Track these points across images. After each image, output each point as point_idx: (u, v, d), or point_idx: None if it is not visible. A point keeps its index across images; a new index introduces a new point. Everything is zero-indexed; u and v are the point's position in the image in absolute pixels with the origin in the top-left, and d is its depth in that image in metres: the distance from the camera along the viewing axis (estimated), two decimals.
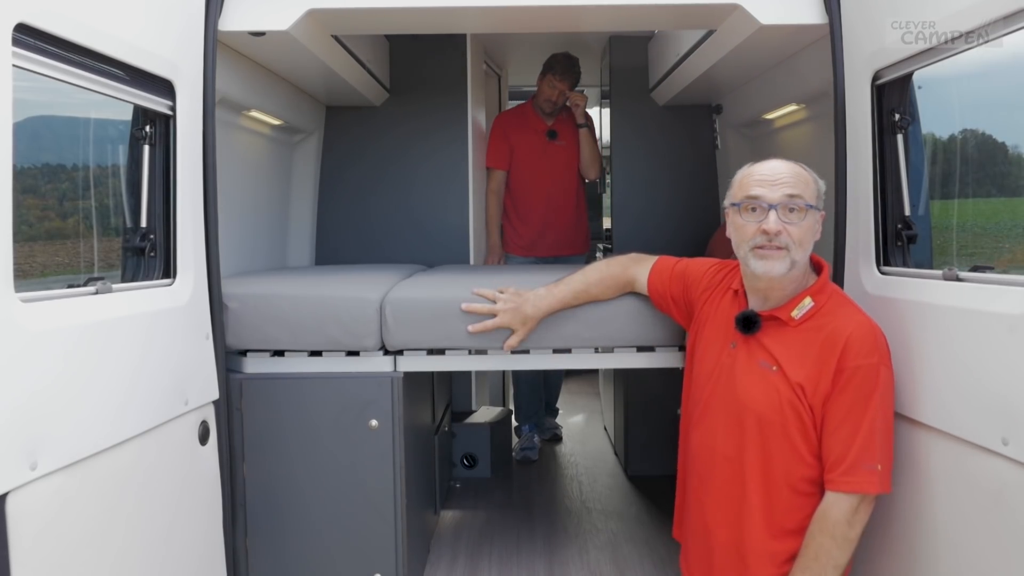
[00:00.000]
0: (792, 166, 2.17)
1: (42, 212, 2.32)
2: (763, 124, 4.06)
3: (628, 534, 3.65)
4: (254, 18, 2.66)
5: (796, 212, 2.10)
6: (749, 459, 2.16)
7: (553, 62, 4.69)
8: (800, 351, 2.12)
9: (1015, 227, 2.59)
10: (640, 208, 4.78)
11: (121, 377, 2.01)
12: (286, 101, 3.75)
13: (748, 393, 2.17)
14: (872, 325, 2.11)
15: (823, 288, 2.18)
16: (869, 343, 2.06)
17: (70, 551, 1.78)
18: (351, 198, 4.43)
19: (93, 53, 1.94)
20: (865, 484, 2.02)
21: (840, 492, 2.04)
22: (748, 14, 2.68)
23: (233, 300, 2.65)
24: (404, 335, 2.70)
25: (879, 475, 2.02)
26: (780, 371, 2.13)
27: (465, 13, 2.95)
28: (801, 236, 2.11)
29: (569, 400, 6.17)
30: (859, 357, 2.04)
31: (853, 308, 2.17)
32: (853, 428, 2.03)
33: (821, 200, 2.17)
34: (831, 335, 2.08)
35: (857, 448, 2.02)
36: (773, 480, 2.14)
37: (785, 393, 2.11)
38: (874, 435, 2.02)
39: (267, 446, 2.70)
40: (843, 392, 2.05)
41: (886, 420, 2.06)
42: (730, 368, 2.23)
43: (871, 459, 2.02)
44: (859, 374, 2.04)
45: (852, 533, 2.04)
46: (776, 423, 2.12)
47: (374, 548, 2.72)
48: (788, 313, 2.16)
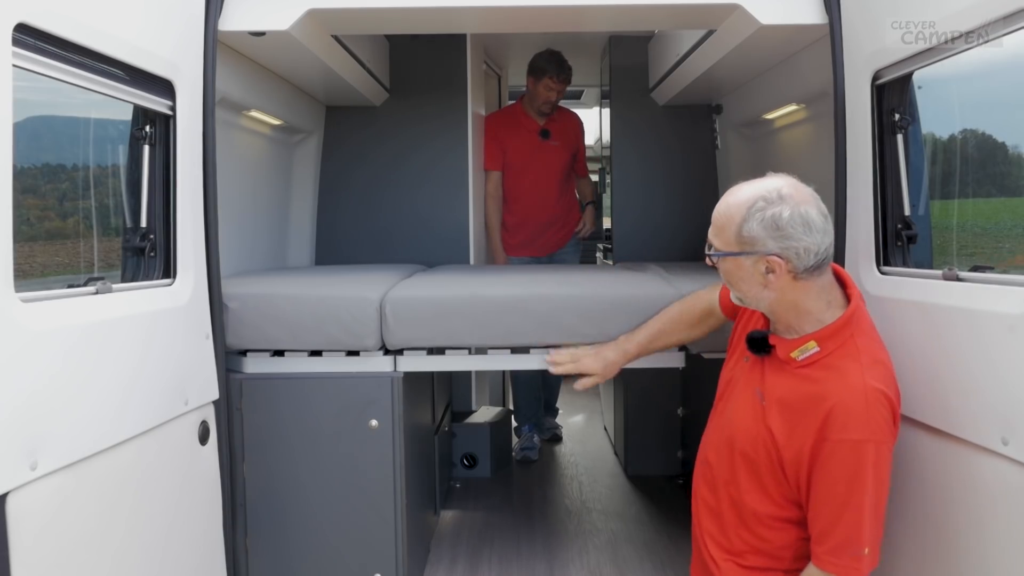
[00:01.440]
0: (727, 203, 1.97)
1: (42, 212, 2.32)
2: (763, 124, 4.06)
3: (628, 534, 3.65)
4: (254, 18, 2.66)
5: (711, 259, 2.03)
6: (724, 478, 2.13)
7: (546, 65, 4.69)
8: (784, 396, 1.98)
9: (1015, 227, 2.59)
10: (640, 208, 4.78)
11: (121, 377, 2.01)
12: (286, 101, 3.75)
13: (736, 415, 2.11)
14: (868, 393, 1.87)
15: (837, 332, 1.95)
16: (858, 417, 1.86)
17: (70, 551, 1.78)
18: (351, 198, 4.43)
19: (93, 53, 1.94)
20: (850, 570, 1.91)
21: (826, 572, 1.95)
22: (748, 14, 2.68)
23: (233, 300, 2.65)
24: (404, 333, 2.70)
25: (866, 560, 1.92)
26: (763, 406, 2.03)
27: (465, 13, 2.94)
28: (727, 279, 2.03)
29: (569, 400, 6.17)
30: (843, 431, 1.86)
31: (857, 365, 1.91)
32: (839, 508, 1.89)
33: (747, 244, 1.92)
34: (817, 396, 1.91)
35: (843, 530, 1.90)
36: (744, 506, 2.08)
37: (762, 431, 2.01)
38: (862, 518, 1.88)
39: (267, 446, 2.70)
40: (826, 466, 1.89)
41: (877, 499, 1.89)
42: (736, 383, 2.18)
43: (858, 544, 1.89)
44: (841, 450, 1.87)
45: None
46: (749, 455, 2.04)
47: (374, 548, 2.72)
48: (788, 353, 1.99)
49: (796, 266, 1.91)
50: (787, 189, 1.92)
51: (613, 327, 2.71)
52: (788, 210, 1.89)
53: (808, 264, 1.90)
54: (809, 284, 1.94)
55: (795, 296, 1.95)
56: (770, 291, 1.95)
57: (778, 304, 1.98)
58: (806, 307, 1.96)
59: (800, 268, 1.91)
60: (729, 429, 2.12)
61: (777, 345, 2.02)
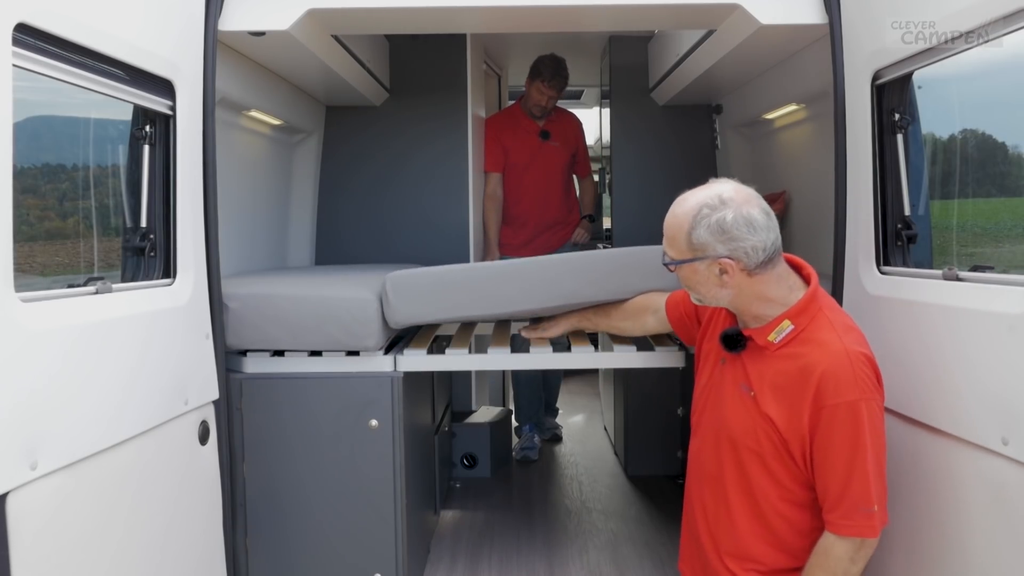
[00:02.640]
0: (674, 214, 2.09)
1: (42, 212, 2.32)
2: (763, 124, 4.06)
3: (628, 534, 3.65)
4: (254, 18, 2.66)
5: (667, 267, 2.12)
6: (729, 479, 2.14)
7: (541, 67, 4.68)
8: (773, 380, 2.04)
9: (1015, 227, 2.59)
10: (640, 208, 4.78)
11: (121, 377, 2.01)
12: (286, 101, 3.75)
13: (727, 415, 2.14)
14: (850, 355, 1.95)
15: (805, 308, 2.03)
16: (846, 379, 1.93)
17: (70, 550, 1.78)
18: (351, 198, 4.43)
19: (93, 53, 1.94)
20: (864, 528, 1.96)
21: (841, 536, 1.98)
22: (748, 14, 2.68)
23: (233, 300, 2.65)
24: (406, 309, 2.68)
25: (877, 516, 1.96)
26: (755, 397, 2.07)
27: (465, 13, 2.94)
28: (686, 283, 2.11)
29: (569, 400, 6.17)
30: (836, 395, 1.93)
31: (833, 334, 2.00)
32: (846, 471, 1.95)
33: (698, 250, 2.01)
34: (805, 369, 1.97)
35: (854, 492, 1.95)
36: (750, 500, 2.10)
37: (759, 420, 2.05)
38: (868, 476, 1.94)
39: (267, 446, 2.70)
40: (828, 432, 1.96)
41: (877, 456, 1.96)
42: (719, 386, 2.20)
43: (868, 502, 1.94)
44: (839, 413, 1.93)
45: (853, 570, 1.99)
46: (751, 448, 2.07)
47: (374, 548, 2.72)
48: (765, 337, 2.05)
49: (747, 264, 1.99)
50: (728, 193, 2.01)
51: (614, 285, 2.68)
52: (731, 213, 1.97)
53: (759, 260, 1.99)
54: (766, 276, 2.02)
55: (755, 289, 2.04)
56: (727, 290, 2.04)
57: (740, 299, 2.06)
58: (769, 296, 2.05)
59: (752, 265, 2.00)
60: (727, 431, 2.13)
61: (753, 335, 2.08)
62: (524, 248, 4.87)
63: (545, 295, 2.69)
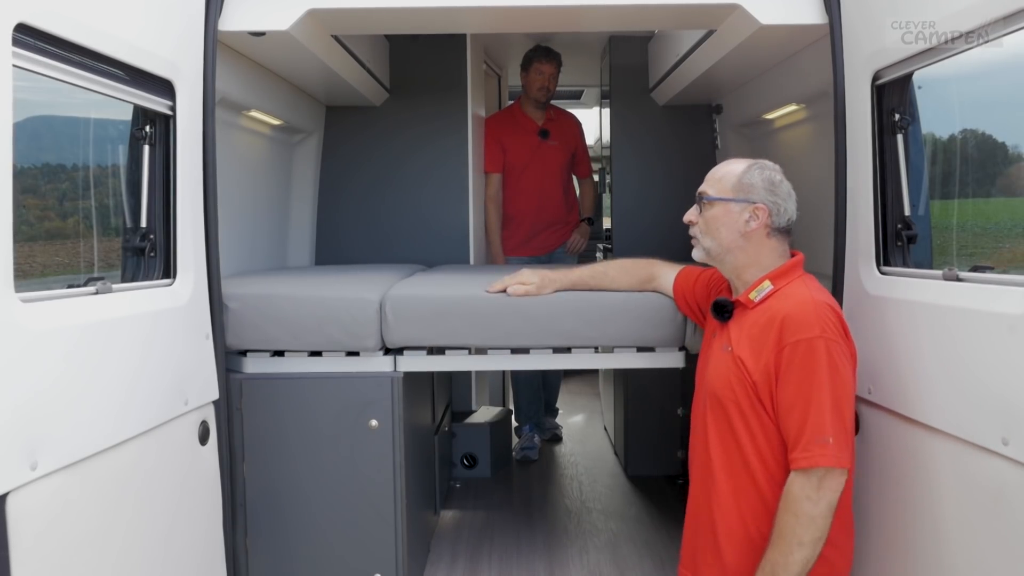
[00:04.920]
0: (727, 164, 2.33)
1: (42, 212, 2.32)
2: (763, 124, 4.06)
3: (628, 534, 3.65)
4: (254, 18, 2.66)
5: (701, 205, 2.29)
6: (712, 440, 2.23)
7: (532, 53, 4.78)
8: (749, 332, 2.18)
9: (1015, 227, 2.59)
10: (640, 208, 4.78)
11: (121, 377, 2.01)
12: (286, 101, 3.75)
13: (711, 376, 2.26)
14: (815, 302, 2.11)
15: (786, 273, 2.22)
16: (808, 319, 2.07)
17: (70, 551, 1.78)
18: (351, 198, 4.43)
19: (93, 53, 1.94)
20: (820, 457, 2.01)
21: (798, 469, 2.04)
22: (748, 14, 2.68)
23: (233, 300, 2.65)
24: (404, 332, 2.70)
25: (832, 448, 2.01)
26: (731, 351, 2.20)
27: (465, 13, 2.94)
28: (705, 226, 2.27)
29: (569, 400, 6.17)
30: (796, 333, 2.07)
31: (806, 290, 2.16)
32: (804, 405, 2.04)
33: (742, 191, 2.23)
34: (771, 316, 2.13)
35: (810, 424, 2.03)
36: (734, 459, 2.18)
37: (733, 369, 2.18)
38: (823, 409, 2.02)
39: (267, 446, 2.70)
40: (788, 371, 2.07)
41: (835, 394, 2.04)
42: (707, 358, 2.32)
43: (822, 432, 2.02)
44: (799, 350, 2.06)
45: (816, 510, 2.01)
46: (729, 399, 2.18)
47: (374, 548, 2.72)
48: (747, 295, 2.22)
49: (773, 221, 2.22)
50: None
51: (613, 329, 2.71)
52: (779, 176, 2.27)
53: (781, 224, 2.24)
54: (773, 244, 2.24)
55: (759, 252, 2.24)
56: (744, 240, 2.23)
57: (742, 257, 2.25)
58: (765, 263, 2.24)
59: (775, 224, 2.23)
60: (710, 389, 2.24)
61: (740, 299, 2.25)
62: (522, 248, 4.87)
63: (544, 333, 2.71)
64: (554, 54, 4.77)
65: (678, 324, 2.70)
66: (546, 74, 4.74)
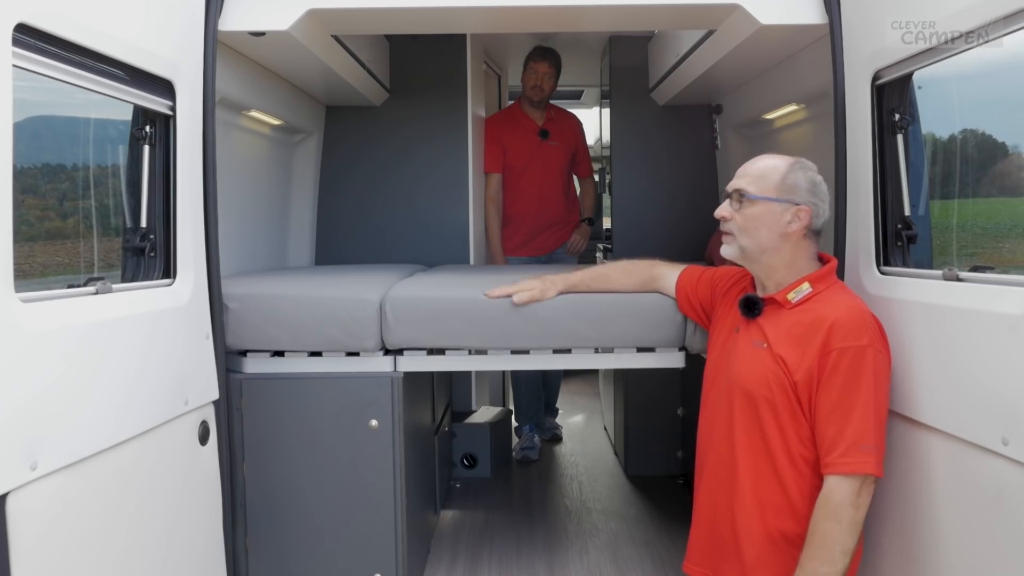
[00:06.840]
0: (767, 160, 2.27)
1: (42, 212, 2.32)
2: (763, 124, 4.06)
3: (628, 534, 3.65)
4: (254, 18, 2.66)
5: (738, 202, 2.23)
6: (738, 435, 2.21)
7: (530, 53, 4.80)
8: (789, 331, 2.17)
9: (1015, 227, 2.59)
10: (640, 208, 4.78)
11: (121, 377, 2.01)
12: (286, 101, 3.75)
13: (740, 370, 2.23)
14: (863, 310, 2.13)
15: (824, 277, 2.22)
16: (856, 326, 2.08)
17: (71, 551, 1.78)
18: (351, 198, 4.43)
19: (93, 53, 1.94)
20: (864, 464, 2.02)
21: (840, 475, 2.03)
22: (748, 14, 2.68)
23: (233, 300, 2.65)
24: (404, 333, 2.70)
25: (874, 454, 2.03)
26: (768, 347, 2.18)
27: (465, 13, 2.94)
28: (744, 224, 2.22)
29: (569, 400, 6.17)
30: (845, 339, 2.06)
31: (849, 297, 2.19)
32: (847, 410, 2.04)
33: (786, 191, 2.19)
34: (818, 318, 2.12)
35: (853, 430, 2.03)
36: (759, 455, 2.17)
37: (771, 366, 2.16)
38: (868, 417, 2.03)
39: (267, 446, 2.70)
40: (833, 375, 2.07)
41: (878, 404, 2.06)
42: (731, 353, 2.29)
43: (866, 440, 2.02)
44: (846, 356, 2.06)
45: (858, 515, 2.03)
46: (763, 396, 2.16)
47: (374, 548, 2.72)
48: (785, 296, 2.20)
49: (813, 223, 2.21)
50: None
51: (613, 330, 2.71)
52: (819, 177, 2.25)
53: (818, 226, 2.23)
54: (808, 246, 2.23)
55: (795, 253, 2.22)
56: (782, 240, 2.20)
57: (776, 259, 2.22)
58: (799, 266, 2.23)
59: (814, 225, 2.22)
60: (740, 386, 2.22)
61: (774, 296, 2.23)
62: (522, 248, 4.87)
63: (544, 334, 2.70)
64: (549, 53, 4.77)
65: (678, 324, 2.70)
66: (540, 73, 4.74)
